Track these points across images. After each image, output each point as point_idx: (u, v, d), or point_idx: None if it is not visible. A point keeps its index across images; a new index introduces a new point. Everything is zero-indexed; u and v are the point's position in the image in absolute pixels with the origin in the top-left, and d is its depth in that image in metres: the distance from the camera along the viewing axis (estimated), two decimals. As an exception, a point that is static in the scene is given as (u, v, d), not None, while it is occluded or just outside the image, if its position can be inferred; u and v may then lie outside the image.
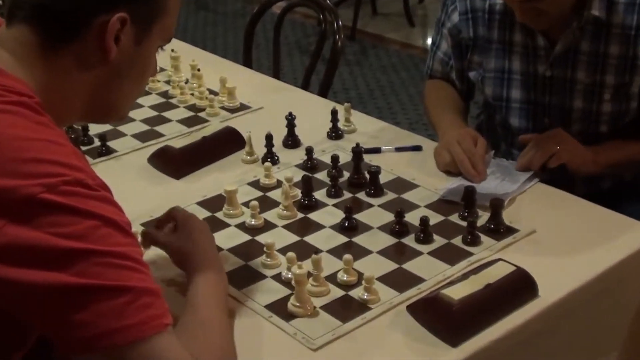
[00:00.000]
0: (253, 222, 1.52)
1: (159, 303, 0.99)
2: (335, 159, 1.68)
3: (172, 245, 1.28)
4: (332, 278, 1.35)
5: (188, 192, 1.65)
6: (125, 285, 0.95)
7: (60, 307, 0.94)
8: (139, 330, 0.95)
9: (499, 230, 1.48)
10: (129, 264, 0.97)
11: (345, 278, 1.35)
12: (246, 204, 1.56)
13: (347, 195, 1.62)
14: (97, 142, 1.83)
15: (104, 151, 1.80)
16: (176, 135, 1.87)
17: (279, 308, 1.29)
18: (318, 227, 1.52)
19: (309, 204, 1.57)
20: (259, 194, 1.63)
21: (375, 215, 1.55)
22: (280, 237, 1.47)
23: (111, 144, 1.82)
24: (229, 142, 1.80)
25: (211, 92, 2.06)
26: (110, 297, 0.94)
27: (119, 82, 1.08)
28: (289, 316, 1.28)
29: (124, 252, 0.97)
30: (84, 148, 1.81)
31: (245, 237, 1.49)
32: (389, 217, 1.53)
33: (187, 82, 2.12)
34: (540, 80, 1.75)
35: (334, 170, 1.67)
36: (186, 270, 1.23)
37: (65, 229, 0.94)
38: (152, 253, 1.35)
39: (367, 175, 1.63)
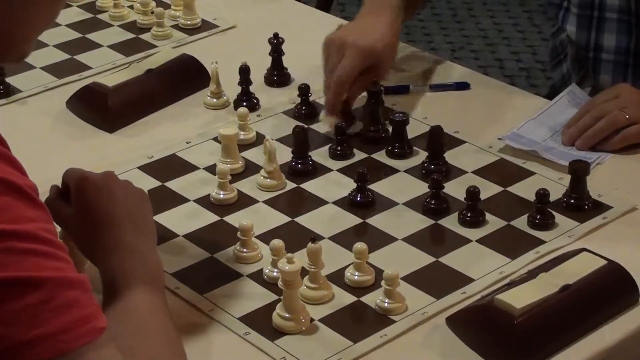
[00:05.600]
0: (222, 196, 1.52)
1: (86, 299, 0.99)
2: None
3: (68, 224, 1.29)
4: (337, 277, 1.36)
5: (126, 152, 1.65)
6: (36, 277, 0.96)
7: None
8: (62, 340, 0.96)
9: (583, 206, 1.48)
10: (39, 248, 0.97)
11: (356, 277, 1.35)
12: (211, 170, 1.57)
13: (359, 155, 1.62)
14: (-9, 78, 1.83)
15: (2, 91, 1.80)
16: (108, 67, 1.87)
17: (260, 321, 1.30)
18: (317, 202, 1.52)
19: (303, 169, 1.58)
20: (231, 153, 1.64)
21: (401, 184, 1.55)
22: (261, 217, 1.48)
23: (12, 80, 1.82)
24: (185, 77, 1.80)
25: (159, 3, 2.05)
26: (17, 296, 0.95)
27: (22, 1, 1.07)
28: (274, 333, 1.28)
29: (31, 230, 0.97)
30: (-28, 87, 1.82)
31: (211, 217, 1.50)
32: (422, 187, 1.53)
33: (123, -12, 2.11)
34: None
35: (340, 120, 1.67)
36: (96, 264, 1.24)
37: None
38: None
39: (389, 127, 1.64)
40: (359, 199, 1.50)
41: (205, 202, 1.52)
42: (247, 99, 1.74)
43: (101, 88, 1.74)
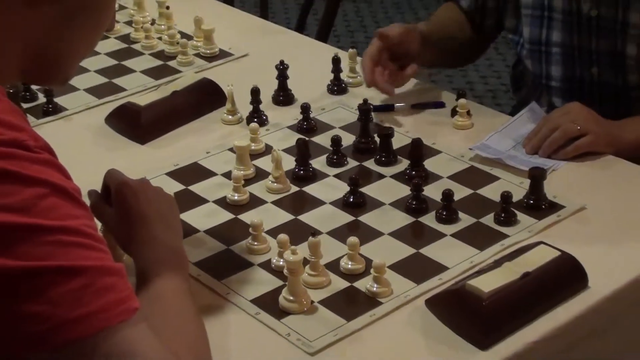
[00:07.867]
0: (236, 197, 1.52)
1: (122, 284, 1.00)
2: (337, 118, 1.67)
3: (110, 222, 1.29)
4: (333, 266, 1.36)
5: (156, 160, 1.65)
6: (80, 265, 0.96)
7: (3, 298, 0.94)
8: (102, 318, 0.97)
9: (540, 206, 1.48)
10: (82, 241, 0.98)
11: (349, 266, 1.35)
12: (227, 175, 1.57)
13: (352, 163, 1.62)
14: (41, 98, 1.83)
15: (51, 109, 1.80)
16: (140, 89, 1.87)
17: (269, 303, 1.30)
18: (316, 202, 1.52)
19: (305, 175, 1.58)
20: (243, 162, 1.64)
21: (387, 188, 1.55)
22: (269, 216, 1.48)
23: (59, 100, 1.82)
24: (205, 98, 1.81)
25: (183, 35, 2.05)
26: (63, 281, 0.95)
27: (68, 31, 1.07)
28: (280, 313, 1.28)
29: (75, 226, 0.98)
30: (25, 105, 1.81)
31: (227, 216, 1.50)
32: (404, 190, 1.53)
33: (153, 22, 2.11)
34: (584, 21, 1.75)
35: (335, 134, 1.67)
36: (131, 256, 1.24)
37: (2, 200, 0.94)
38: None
39: (377, 139, 1.64)
40: (351, 200, 1.51)
41: (222, 202, 1.52)
42: (257, 116, 1.75)
43: (135, 107, 1.74)
